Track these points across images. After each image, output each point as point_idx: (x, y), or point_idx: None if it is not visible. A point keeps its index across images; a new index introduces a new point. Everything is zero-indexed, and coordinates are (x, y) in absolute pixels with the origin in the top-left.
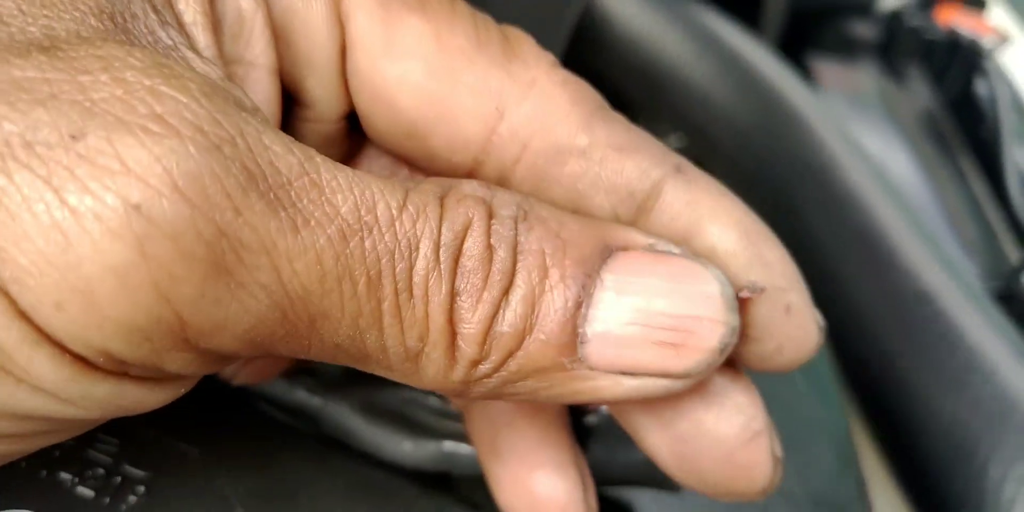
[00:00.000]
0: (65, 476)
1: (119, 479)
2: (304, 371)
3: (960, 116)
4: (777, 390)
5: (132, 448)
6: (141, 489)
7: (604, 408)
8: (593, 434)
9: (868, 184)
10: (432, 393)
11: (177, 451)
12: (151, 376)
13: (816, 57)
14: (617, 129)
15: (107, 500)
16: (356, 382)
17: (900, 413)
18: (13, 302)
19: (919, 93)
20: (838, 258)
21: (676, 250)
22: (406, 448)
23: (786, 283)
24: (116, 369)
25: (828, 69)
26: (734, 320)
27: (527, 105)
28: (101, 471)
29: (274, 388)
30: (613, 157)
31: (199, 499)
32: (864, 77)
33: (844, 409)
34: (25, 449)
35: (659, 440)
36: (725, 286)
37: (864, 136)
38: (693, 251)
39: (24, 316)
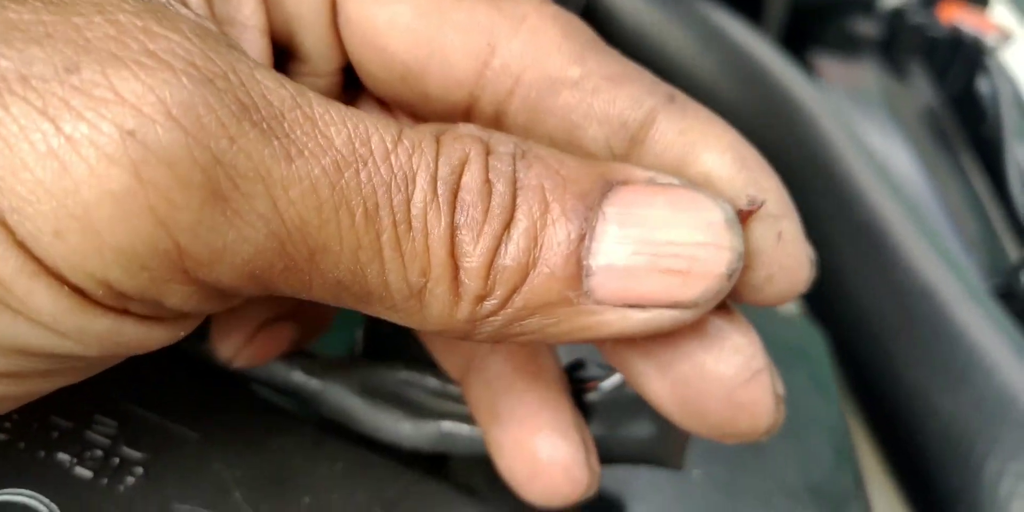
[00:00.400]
0: (64, 457)
1: (117, 460)
2: (302, 354)
3: (962, 113)
4: None
5: (130, 430)
6: (139, 470)
7: (604, 385)
8: (593, 412)
9: (871, 180)
10: (431, 373)
11: (175, 434)
12: (151, 314)
13: (818, 54)
14: (609, 60)
15: (105, 481)
16: (354, 364)
17: (899, 408)
18: (11, 232)
19: (921, 90)
20: (841, 253)
21: (676, 181)
22: (405, 429)
23: (779, 210)
24: (116, 304)
25: (830, 66)
26: (740, 245)
27: (518, 40)
28: (99, 452)
29: (272, 371)
30: (605, 87)
31: (196, 481)
32: (866, 74)
33: (841, 403)
34: (27, 391)
35: (660, 385)
36: (728, 213)
37: (866, 133)
38: (689, 180)
39: (23, 246)
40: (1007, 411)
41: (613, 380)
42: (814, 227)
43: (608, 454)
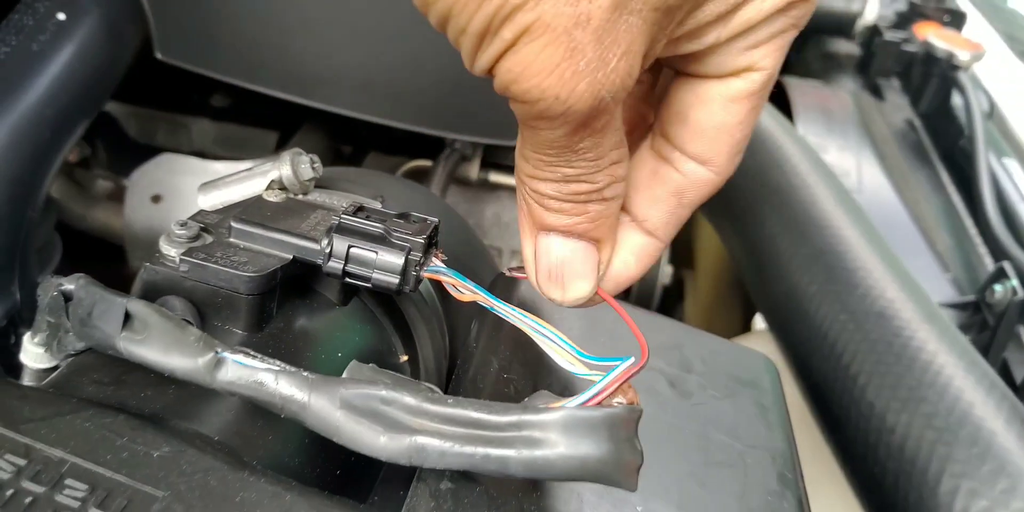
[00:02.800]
0: None
1: None
2: (290, 370)
3: (937, 129)
4: (721, 411)
5: (101, 492)
6: None
7: (567, 404)
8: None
9: (832, 206)
10: (408, 393)
11: (143, 494)
12: None
13: (795, 73)
14: None
15: None
16: (338, 382)
17: (859, 426)
18: None
19: (898, 107)
20: (801, 278)
21: None
22: (381, 442)
23: None
24: None
25: (806, 85)
26: None
27: None
28: None
29: (260, 386)
30: None
31: None
32: (842, 92)
33: (789, 430)
34: None
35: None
36: None
37: (841, 151)
38: None
39: None
40: (959, 429)
41: (576, 400)
42: (775, 252)
43: (566, 472)
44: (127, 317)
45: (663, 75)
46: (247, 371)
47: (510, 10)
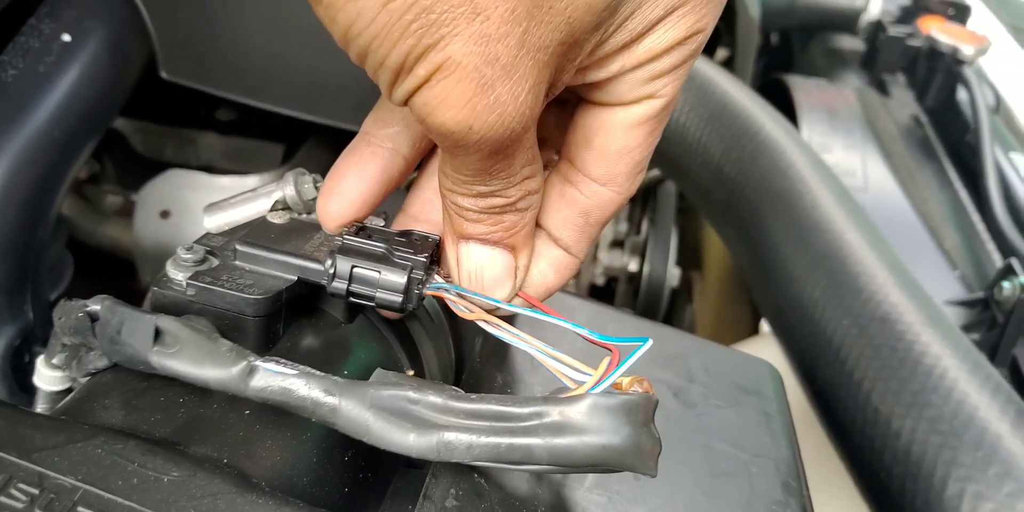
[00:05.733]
0: None
1: None
2: (320, 375)
3: (943, 124)
4: (725, 421)
5: None
6: None
7: (591, 391)
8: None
9: (835, 209)
10: (433, 392)
11: None
12: None
13: (799, 71)
14: None
15: None
16: (367, 384)
17: (864, 432)
18: None
19: (903, 102)
20: (805, 283)
21: None
22: (410, 439)
23: None
24: None
25: (810, 84)
26: None
27: None
28: None
29: (292, 390)
30: None
31: None
32: (846, 90)
33: (793, 437)
34: None
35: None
36: None
37: (846, 150)
38: None
39: None
40: (964, 432)
41: (598, 387)
42: (779, 258)
43: (589, 458)
44: (157, 333)
45: (568, 104)
46: (279, 378)
47: (423, 49)
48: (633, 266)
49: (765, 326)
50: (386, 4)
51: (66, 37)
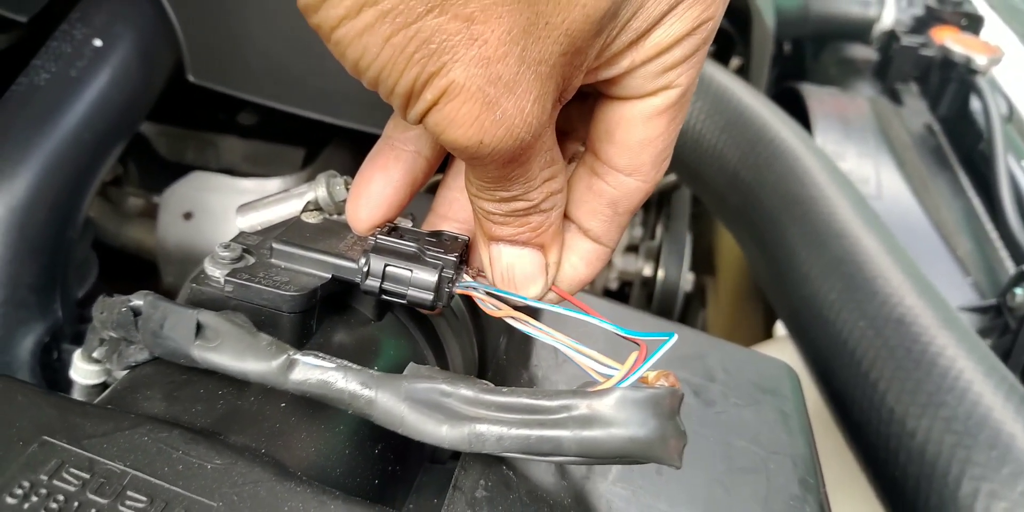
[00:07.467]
0: None
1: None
2: (356, 368)
3: (956, 133)
4: (744, 419)
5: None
6: None
7: (618, 385)
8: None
9: (850, 215)
10: (465, 386)
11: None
12: None
13: (813, 80)
14: None
15: None
16: (401, 378)
17: (880, 432)
18: None
19: (917, 111)
20: (821, 286)
21: None
22: (443, 431)
23: None
24: None
25: (823, 93)
26: None
27: None
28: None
29: (330, 383)
30: None
31: None
32: (859, 98)
33: (810, 435)
34: None
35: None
36: None
37: (859, 158)
38: None
39: None
40: (979, 432)
41: (626, 381)
42: (795, 262)
43: (616, 450)
44: (199, 327)
45: (589, 98)
46: (318, 371)
47: (427, 77)
48: (647, 271)
49: (779, 329)
50: (389, 39)
51: (97, 42)
